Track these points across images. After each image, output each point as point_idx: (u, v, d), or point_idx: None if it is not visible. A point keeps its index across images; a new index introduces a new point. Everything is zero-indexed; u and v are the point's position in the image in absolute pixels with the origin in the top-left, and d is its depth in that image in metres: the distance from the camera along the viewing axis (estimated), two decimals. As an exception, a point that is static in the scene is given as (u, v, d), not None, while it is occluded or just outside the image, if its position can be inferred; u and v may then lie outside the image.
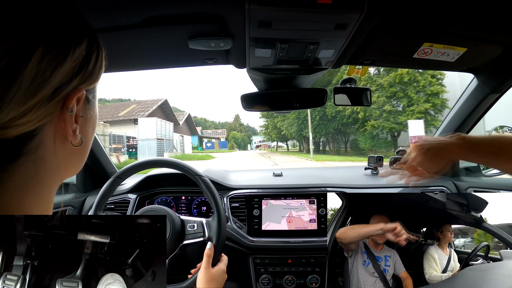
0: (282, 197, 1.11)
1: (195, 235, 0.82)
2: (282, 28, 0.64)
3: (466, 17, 0.70)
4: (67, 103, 0.29)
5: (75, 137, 0.32)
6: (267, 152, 36.73)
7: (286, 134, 26.18)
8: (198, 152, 33.25)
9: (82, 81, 0.31)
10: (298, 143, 32.16)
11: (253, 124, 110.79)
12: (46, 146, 0.29)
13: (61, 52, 0.27)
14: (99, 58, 0.33)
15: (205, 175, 0.85)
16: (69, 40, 0.29)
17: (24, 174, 0.28)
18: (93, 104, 0.36)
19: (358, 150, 18.82)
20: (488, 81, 1.02)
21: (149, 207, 0.90)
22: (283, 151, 37.61)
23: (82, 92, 0.31)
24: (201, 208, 1.25)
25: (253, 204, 1.11)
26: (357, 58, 0.88)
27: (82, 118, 0.33)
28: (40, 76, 0.26)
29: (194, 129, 36.60)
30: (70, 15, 0.30)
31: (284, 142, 37.54)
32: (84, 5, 0.57)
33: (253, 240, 1.08)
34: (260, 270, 1.09)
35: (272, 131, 32.26)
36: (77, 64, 0.29)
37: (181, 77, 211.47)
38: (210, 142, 50.62)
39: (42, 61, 0.26)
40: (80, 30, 0.31)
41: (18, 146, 0.27)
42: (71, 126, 0.31)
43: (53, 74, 0.27)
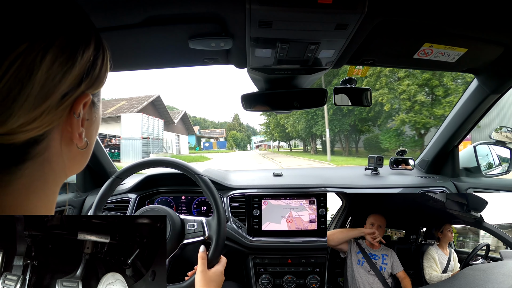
0: (282, 197, 1.11)
1: (195, 234, 0.82)
2: (283, 28, 0.64)
3: (466, 18, 0.70)
4: (74, 108, 0.29)
5: (81, 140, 0.32)
6: (269, 152, 34.90)
7: (291, 132, 23.73)
8: (195, 152, 31.73)
9: (89, 85, 0.31)
10: (303, 143, 29.77)
11: (252, 124, 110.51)
12: (53, 149, 0.30)
13: (70, 57, 0.27)
14: (104, 61, 0.33)
15: (205, 175, 0.85)
16: (78, 44, 0.29)
17: (30, 176, 0.28)
18: (97, 107, 0.36)
19: (374, 150, 15.75)
20: (489, 82, 1.02)
21: (149, 206, 0.90)
22: (284, 151, 35.90)
23: (89, 97, 0.31)
24: (201, 208, 1.25)
25: (253, 204, 1.11)
26: (358, 58, 0.88)
27: (87, 121, 0.33)
28: (50, 82, 0.26)
29: (190, 128, 35.17)
30: (78, 18, 0.30)
31: (286, 142, 35.19)
32: (85, 4, 0.57)
33: (253, 240, 1.08)
34: (260, 270, 1.09)
35: (274, 129, 30.00)
36: (85, 69, 0.29)
37: (179, 76, 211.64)
38: (208, 142, 49.18)
39: (52, 67, 0.26)
40: (87, 33, 0.31)
41: (25, 150, 0.27)
42: (77, 130, 0.31)
43: (62, 80, 0.27)
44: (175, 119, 26.44)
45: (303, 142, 29.45)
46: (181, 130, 29.15)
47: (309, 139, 23.68)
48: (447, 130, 1.27)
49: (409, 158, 1.44)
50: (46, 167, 0.30)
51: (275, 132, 30.44)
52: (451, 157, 1.32)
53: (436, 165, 1.38)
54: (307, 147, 28.16)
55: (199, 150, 38.99)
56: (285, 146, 41.47)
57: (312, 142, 23.76)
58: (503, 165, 1.25)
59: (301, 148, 35.19)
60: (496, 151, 1.29)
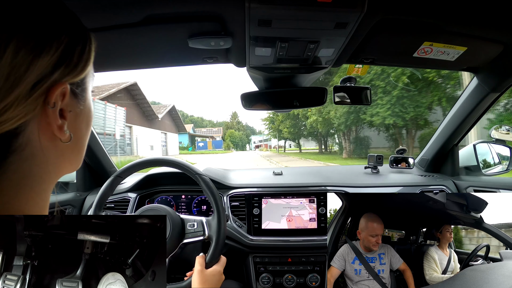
0: (282, 196, 1.11)
1: (195, 234, 0.82)
2: (282, 27, 0.64)
3: (466, 16, 0.70)
4: (48, 98, 0.28)
5: (62, 133, 0.31)
6: (273, 154, 26.88)
7: (315, 126, 15.89)
8: (187, 153, 27.98)
9: (64, 74, 0.30)
10: (318, 142, 22.47)
11: (252, 124, 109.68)
12: (33, 144, 0.29)
13: (37, 45, 0.27)
14: (85, 50, 0.32)
15: (205, 174, 0.85)
16: (46, 33, 0.28)
17: (15, 172, 0.28)
18: (82, 98, 0.34)
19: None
20: (488, 80, 1.02)
21: (149, 206, 0.90)
22: (292, 152, 28.89)
23: (65, 86, 0.30)
24: (201, 207, 1.25)
25: (253, 203, 1.11)
26: (357, 57, 0.88)
27: (70, 113, 0.32)
28: (15, 72, 0.25)
29: (181, 125, 29.47)
30: (47, 8, 0.29)
31: (295, 141, 26.69)
32: (84, 4, 0.57)
33: (253, 239, 1.08)
34: (260, 269, 1.09)
35: (283, 123, 22.29)
36: (57, 57, 0.28)
37: (176, 75, 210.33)
38: (203, 142, 44.75)
39: (16, 57, 0.25)
40: (59, 19, 0.30)
41: (3, 144, 0.27)
42: (55, 122, 0.30)
43: (30, 69, 0.26)
44: (160, 113, 21.35)
45: (318, 141, 22.63)
46: (170, 127, 25.07)
47: (340, 135, 15.97)
48: (447, 129, 1.27)
49: (409, 157, 1.44)
50: (30, 162, 0.29)
51: (284, 127, 22.56)
52: (451, 156, 1.32)
53: (436, 163, 1.38)
54: (326, 147, 21.89)
55: (192, 151, 35.43)
56: (291, 145, 34.69)
57: (346, 141, 15.18)
58: (503, 164, 1.25)
59: (313, 148, 29.03)
60: (496, 150, 1.29)
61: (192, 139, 42.28)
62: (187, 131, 37.27)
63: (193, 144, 40.83)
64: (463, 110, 1.17)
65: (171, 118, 26.04)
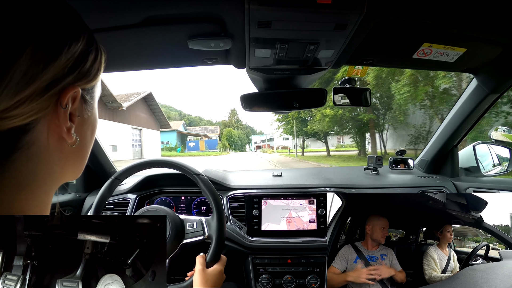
0: (281, 197, 1.11)
1: (195, 234, 0.82)
2: (282, 28, 0.64)
3: (465, 18, 0.71)
4: (61, 99, 0.29)
5: (70, 136, 0.32)
6: (292, 159, 16.79)
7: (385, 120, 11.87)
8: (175, 155, 22.20)
9: (77, 78, 0.31)
10: (357, 141, 14.43)
11: (252, 124, 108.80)
12: (40, 143, 0.29)
13: (55, 47, 0.28)
14: (97, 59, 0.34)
15: (204, 175, 0.85)
16: (64, 37, 0.29)
17: (18, 171, 0.28)
18: (91, 105, 0.36)
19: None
20: (488, 81, 1.02)
21: (148, 207, 0.90)
22: (315, 154, 20.20)
23: (77, 90, 0.31)
24: (201, 208, 1.25)
25: (252, 204, 1.11)
26: (357, 58, 0.89)
27: (78, 118, 0.33)
28: (33, 68, 0.26)
29: (164, 121, 22.89)
30: (66, 14, 0.31)
31: (322, 139, 18.33)
32: (84, 4, 0.57)
33: (253, 240, 1.08)
34: (260, 270, 1.09)
35: (318, 114, 13.46)
36: (72, 61, 0.30)
37: (174, 74, 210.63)
38: (194, 141, 36.87)
39: (36, 55, 0.26)
40: (76, 29, 0.31)
41: (11, 140, 0.27)
42: (65, 124, 0.31)
43: (47, 68, 0.27)
44: (126, 101, 15.50)
45: (356, 140, 14.82)
46: (147, 122, 19.69)
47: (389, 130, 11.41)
48: (446, 130, 1.27)
49: (409, 158, 1.44)
50: (34, 162, 0.29)
51: (321, 122, 13.85)
52: (450, 157, 1.33)
53: (435, 165, 1.38)
54: (361, 149, 14.68)
55: (180, 152, 28.95)
56: (291, 147, 27.84)
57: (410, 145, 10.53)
58: (503, 165, 1.25)
59: (318, 150, 22.02)
60: (495, 151, 1.29)
61: (183, 138, 36.79)
62: (174, 129, 32.18)
63: (183, 144, 34.87)
64: (463, 111, 1.17)
65: (149, 110, 20.48)
